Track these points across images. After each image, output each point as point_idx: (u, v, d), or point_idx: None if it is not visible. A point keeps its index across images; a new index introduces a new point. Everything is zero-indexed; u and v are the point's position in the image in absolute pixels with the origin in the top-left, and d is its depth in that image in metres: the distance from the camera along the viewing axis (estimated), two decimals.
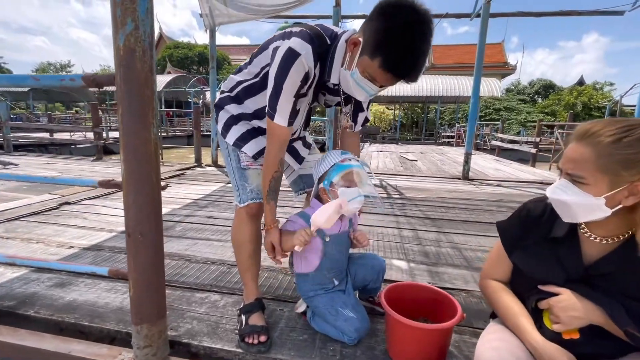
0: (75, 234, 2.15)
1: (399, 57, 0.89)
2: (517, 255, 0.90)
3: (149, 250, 0.97)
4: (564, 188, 0.74)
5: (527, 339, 0.80)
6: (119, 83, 0.88)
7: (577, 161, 0.72)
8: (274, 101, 1.01)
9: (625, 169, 0.67)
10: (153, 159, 0.94)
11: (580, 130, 0.74)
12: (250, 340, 1.10)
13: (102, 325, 1.23)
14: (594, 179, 0.70)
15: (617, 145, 0.67)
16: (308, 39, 0.98)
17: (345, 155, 1.12)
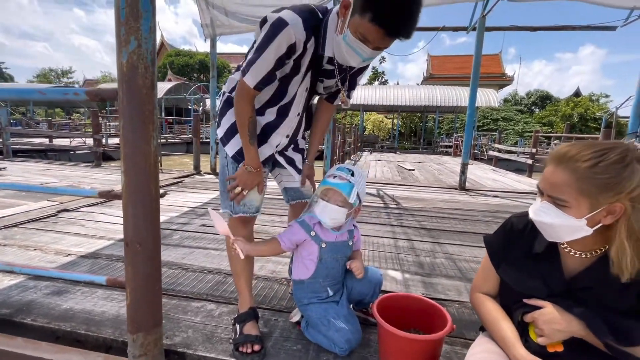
0: (73, 241, 2.17)
1: (389, 9, 0.87)
2: (503, 269, 0.93)
3: (147, 259, 0.99)
4: (547, 210, 0.77)
5: (512, 352, 0.82)
6: (122, 98, 0.91)
7: (558, 185, 0.75)
8: (251, 61, 1.02)
9: (604, 192, 0.70)
10: (152, 171, 0.96)
11: (557, 154, 0.77)
12: (244, 350, 1.11)
13: (98, 333, 1.24)
14: (575, 202, 0.73)
15: (594, 170, 0.70)
16: (297, 12, 1.00)
17: (336, 172, 1.14)
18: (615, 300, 0.77)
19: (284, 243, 1.20)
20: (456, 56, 31.59)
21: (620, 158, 0.69)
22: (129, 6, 0.87)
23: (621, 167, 0.69)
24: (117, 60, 0.90)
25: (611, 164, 0.69)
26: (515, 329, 0.87)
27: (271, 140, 1.23)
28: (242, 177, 1.14)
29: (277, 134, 1.22)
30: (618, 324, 0.76)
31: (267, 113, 1.20)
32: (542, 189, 0.80)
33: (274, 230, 2.54)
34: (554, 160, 0.77)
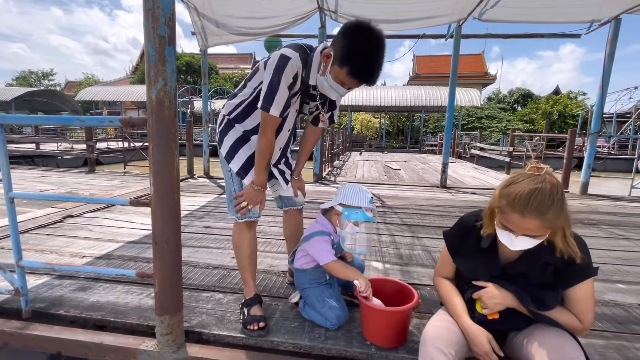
0: (85, 244, 2.36)
1: (361, 67, 1.18)
2: (457, 259, 1.21)
3: (172, 255, 1.23)
4: (524, 242, 0.98)
5: (460, 322, 1.11)
6: (151, 125, 1.14)
7: (531, 229, 0.95)
8: (269, 97, 1.26)
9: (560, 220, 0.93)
10: (175, 182, 1.20)
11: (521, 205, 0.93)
12: (252, 327, 1.35)
13: (125, 320, 1.46)
14: (544, 233, 0.96)
15: (556, 214, 0.91)
16: (294, 48, 1.28)
17: (370, 205, 1.38)
18: (536, 278, 1.05)
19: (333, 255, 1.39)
20: (441, 56, 32.24)
21: (561, 195, 0.93)
22: (157, 54, 1.10)
23: (564, 201, 0.93)
24: (147, 95, 1.14)
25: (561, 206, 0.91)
26: (465, 304, 1.15)
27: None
28: (250, 194, 1.39)
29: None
30: (538, 295, 1.04)
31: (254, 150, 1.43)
32: (514, 230, 0.98)
33: (269, 230, 2.78)
34: (520, 210, 0.93)
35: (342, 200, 1.41)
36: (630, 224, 3.27)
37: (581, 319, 1.01)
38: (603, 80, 4.53)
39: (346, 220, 1.38)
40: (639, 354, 1.28)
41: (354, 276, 1.33)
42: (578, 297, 1.01)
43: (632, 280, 1.98)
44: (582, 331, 1.02)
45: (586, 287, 1.00)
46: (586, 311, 1.00)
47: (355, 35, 1.18)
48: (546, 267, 1.04)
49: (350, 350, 1.28)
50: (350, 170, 7.54)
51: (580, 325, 1.01)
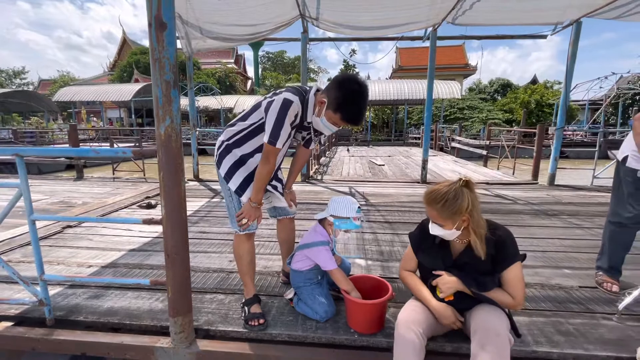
0: (89, 254, 2.52)
1: (352, 114, 1.48)
2: (419, 255, 1.47)
3: (182, 264, 1.44)
4: (436, 228, 1.32)
5: (428, 303, 1.38)
6: (161, 157, 1.34)
7: (433, 217, 1.31)
8: (276, 133, 1.49)
9: (456, 215, 1.25)
10: (183, 203, 1.41)
11: (426, 197, 1.32)
12: (253, 323, 1.58)
13: (139, 322, 1.66)
14: (444, 222, 1.28)
15: (445, 207, 1.25)
16: (295, 92, 1.54)
17: (358, 215, 1.62)
18: (478, 266, 1.32)
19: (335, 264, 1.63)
20: (423, 48, 32.58)
21: (453, 196, 1.24)
22: (164, 96, 1.30)
23: (455, 200, 1.24)
24: (156, 130, 1.33)
25: (450, 201, 1.24)
26: (429, 290, 1.41)
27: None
28: (249, 211, 1.60)
29: None
30: (479, 279, 1.32)
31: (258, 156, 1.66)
32: (430, 217, 1.35)
33: (261, 232, 2.99)
34: (425, 201, 1.32)
35: (333, 212, 1.64)
36: (587, 214, 3.64)
37: (513, 296, 1.29)
38: (567, 79, 4.88)
39: (337, 229, 1.63)
40: (570, 327, 1.58)
41: (349, 289, 1.58)
42: (508, 279, 1.29)
43: (578, 266, 2.30)
44: (516, 306, 1.30)
45: (514, 270, 1.29)
46: (517, 289, 1.28)
47: (347, 87, 1.45)
48: (485, 258, 1.31)
49: (337, 338, 1.53)
50: (337, 168, 7.79)
51: (512, 301, 1.29)
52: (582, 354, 1.41)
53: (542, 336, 1.51)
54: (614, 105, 20.81)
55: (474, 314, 1.30)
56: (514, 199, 4.35)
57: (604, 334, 1.53)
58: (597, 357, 1.40)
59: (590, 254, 2.49)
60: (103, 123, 23.96)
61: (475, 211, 1.26)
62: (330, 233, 1.68)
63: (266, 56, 40.72)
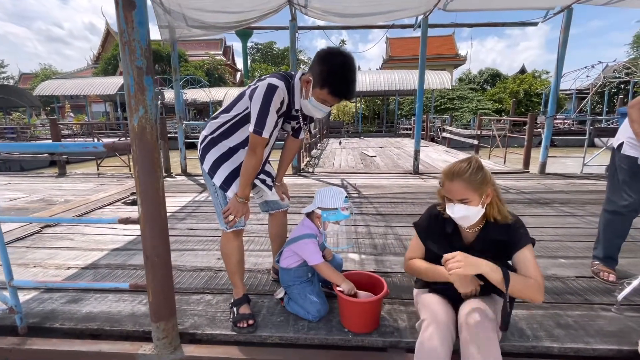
0: (68, 255, 2.39)
1: (339, 86, 1.37)
2: (428, 243, 1.39)
3: (163, 267, 1.34)
4: (460, 209, 1.23)
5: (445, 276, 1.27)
6: (135, 150, 1.23)
7: (459, 192, 1.21)
8: (261, 122, 1.38)
9: (483, 185, 1.19)
10: (161, 201, 1.30)
11: (448, 173, 1.23)
12: (241, 325, 1.50)
13: (121, 328, 1.56)
14: (472, 196, 1.20)
15: (472, 176, 1.18)
16: (280, 77, 1.43)
17: (345, 204, 1.53)
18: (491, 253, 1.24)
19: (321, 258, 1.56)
20: (414, 38, 32.40)
21: (478, 165, 1.20)
22: (136, 84, 1.18)
23: (481, 169, 1.20)
24: (129, 123, 1.21)
25: (476, 170, 1.19)
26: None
27: None
28: (235, 206, 1.49)
29: None
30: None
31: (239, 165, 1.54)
32: (451, 198, 1.25)
33: (252, 228, 2.89)
34: (448, 177, 1.23)
35: (320, 204, 1.56)
36: (579, 201, 3.64)
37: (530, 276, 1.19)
38: (557, 67, 4.85)
39: (326, 222, 1.55)
40: (569, 320, 1.54)
41: (339, 281, 1.51)
42: (523, 261, 1.21)
43: (573, 255, 2.27)
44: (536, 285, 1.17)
45: (525, 253, 1.22)
46: (531, 270, 1.19)
47: (330, 59, 1.35)
48: (496, 243, 1.26)
49: (330, 338, 1.46)
50: (328, 160, 7.69)
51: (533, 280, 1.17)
52: (583, 347, 1.37)
53: (542, 330, 1.46)
54: (599, 94, 21.10)
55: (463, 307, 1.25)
56: (506, 188, 4.33)
57: (604, 326, 1.49)
58: (598, 350, 1.36)
59: (585, 242, 2.47)
60: (88, 118, 23.26)
61: (495, 184, 1.24)
62: (320, 226, 1.60)
63: (255, 47, 39.94)
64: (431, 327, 1.18)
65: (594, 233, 2.64)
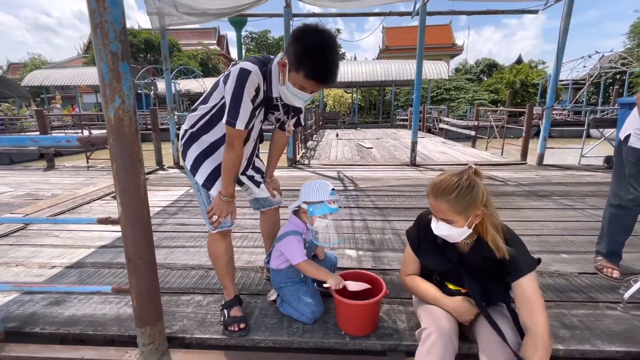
0: (53, 253, 2.29)
1: (315, 67, 1.18)
2: (421, 256, 1.32)
3: (146, 270, 1.24)
4: (443, 227, 1.14)
5: (442, 304, 1.22)
6: (112, 145, 1.12)
7: (442, 212, 1.10)
8: (234, 112, 1.25)
9: (469, 208, 1.08)
10: (143, 200, 1.20)
11: (433, 189, 1.11)
12: (232, 328, 1.42)
13: (105, 332, 1.47)
14: (456, 218, 1.10)
15: (458, 199, 1.06)
16: (253, 61, 1.28)
17: (332, 197, 1.44)
18: (484, 270, 1.17)
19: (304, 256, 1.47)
20: (410, 27, 31.98)
21: (468, 184, 1.06)
22: (111, 71, 1.06)
23: (471, 190, 1.06)
24: (105, 114, 1.10)
25: (465, 190, 1.06)
26: (436, 287, 1.27)
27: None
28: (219, 205, 1.39)
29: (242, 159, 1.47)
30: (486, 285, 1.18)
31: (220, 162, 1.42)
32: (435, 214, 1.16)
33: (245, 223, 2.81)
34: (432, 194, 1.12)
35: (305, 199, 1.47)
36: (578, 194, 3.59)
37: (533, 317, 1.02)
38: (558, 56, 4.75)
39: (313, 216, 1.46)
40: (574, 320, 1.48)
41: (324, 277, 1.42)
42: (520, 297, 1.07)
43: (575, 249, 2.22)
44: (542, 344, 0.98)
45: (524, 286, 1.06)
46: (536, 306, 1.03)
47: (305, 37, 1.18)
48: (491, 261, 1.14)
49: (326, 342, 1.39)
50: (324, 152, 7.59)
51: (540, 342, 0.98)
52: (590, 349, 1.31)
53: None
54: (595, 85, 21.08)
55: (481, 323, 1.16)
56: (504, 180, 4.27)
57: (610, 325, 1.44)
58: (605, 352, 1.30)
59: (587, 236, 2.42)
60: (79, 109, 22.76)
61: (489, 203, 1.10)
62: (307, 222, 1.50)
63: (250, 37, 39.16)
64: (433, 336, 1.10)
65: (596, 226, 2.60)
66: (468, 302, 1.18)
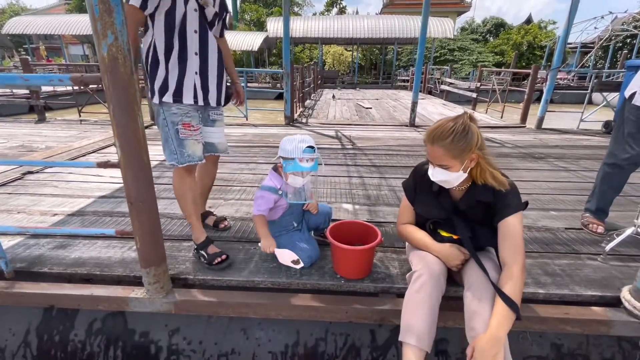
0: (53, 202, 2.31)
1: None
2: (417, 205, 1.36)
3: (149, 213, 1.27)
4: (439, 173, 1.17)
5: (432, 249, 1.28)
6: (107, 86, 1.09)
7: (438, 157, 1.13)
8: None
9: (464, 152, 1.10)
10: (142, 143, 1.19)
11: (429, 135, 1.13)
12: (218, 261, 1.53)
13: (111, 273, 1.54)
14: (452, 163, 1.13)
15: (453, 143, 1.08)
16: None
17: (307, 154, 1.38)
18: (476, 216, 1.23)
19: (264, 212, 1.52)
20: None
21: (463, 129, 1.07)
22: (101, 3, 1.00)
23: (465, 134, 1.07)
24: (98, 53, 1.06)
25: (459, 135, 1.07)
26: (428, 234, 1.33)
27: (186, 81, 1.48)
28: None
29: (189, 75, 1.48)
30: (477, 230, 1.24)
31: (171, 65, 1.44)
32: (430, 161, 1.19)
33: (243, 177, 2.83)
34: (429, 140, 1.14)
35: (280, 153, 1.46)
36: (574, 156, 3.63)
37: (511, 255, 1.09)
38: (570, 14, 4.53)
39: (287, 172, 1.46)
40: (556, 268, 1.57)
41: (262, 236, 1.52)
42: (507, 231, 1.14)
43: (564, 207, 2.29)
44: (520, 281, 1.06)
45: (513, 221, 1.13)
46: (515, 245, 1.10)
47: None
48: (483, 205, 1.21)
49: (322, 284, 1.47)
50: (322, 111, 7.44)
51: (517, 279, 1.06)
52: (568, 293, 1.41)
53: (529, 277, 1.49)
54: (604, 49, 20.34)
55: (469, 266, 1.23)
56: (501, 142, 4.28)
57: (589, 274, 1.53)
58: (581, 296, 1.40)
59: (577, 196, 2.49)
60: (65, 60, 21.69)
61: (484, 146, 1.13)
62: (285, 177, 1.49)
63: None
64: (424, 277, 1.17)
65: (587, 187, 2.67)
66: (456, 248, 1.25)
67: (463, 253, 1.23)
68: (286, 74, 5.14)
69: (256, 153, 3.65)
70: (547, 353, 1.46)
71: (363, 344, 1.51)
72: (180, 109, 1.50)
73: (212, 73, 1.56)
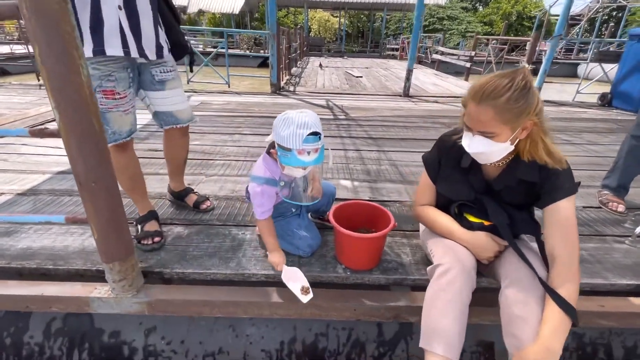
0: (2, 179, 1.96)
1: None
2: (440, 185, 1.13)
3: (106, 195, 0.99)
4: (480, 143, 0.91)
5: (459, 237, 1.07)
6: (29, 18, 0.77)
7: (485, 122, 0.87)
8: None
9: (520, 117, 0.85)
10: (90, 104, 0.89)
11: (477, 92, 0.87)
12: (146, 242, 1.32)
13: (68, 266, 1.27)
14: (500, 130, 0.87)
15: (510, 102, 0.83)
16: None
17: (309, 145, 1.01)
18: (514, 197, 1.01)
19: (267, 214, 1.20)
20: None
21: (524, 84, 0.82)
22: None
23: (526, 93, 0.83)
24: None
25: (519, 92, 0.82)
26: (453, 219, 1.11)
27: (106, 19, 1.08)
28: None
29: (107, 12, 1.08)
30: (516, 215, 1.02)
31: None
32: (470, 126, 0.92)
33: (227, 150, 2.52)
34: (474, 98, 0.87)
35: (274, 138, 1.08)
36: (575, 129, 3.48)
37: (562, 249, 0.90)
38: None
39: (282, 165, 1.10)
40: (584, 253, 1.41)
41: (270, 250, 1.24)
42: (556, 219, 0.93)
43: None
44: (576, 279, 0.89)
45: (561, 209, 0.93)
46: (568, 237, 0.91)
47: None
48: (524, 185, 1.00)
49: (325, 276, 1.25)
50: (310, 79, 7.00)
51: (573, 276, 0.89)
52: (602, 282, 1.25)
53: None
54: (590, 21, 20.17)
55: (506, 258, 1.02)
56: None
57: (620, 259, 1.38)
58: (616, 285, 1.25)
59: (587, 170, 2.34)
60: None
61: (542, 113, 0.88)
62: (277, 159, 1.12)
63: None
64: (453, 272, 0.96)
65: (595, 162, 2.53)
66: (490, 237, 1.03)
67: (499, 244, 1.03)
68: (272, 37, 4.67)
69: (241, 123, 3.31)
70: (567, 343, 1.33)
71: (368, 339, 1.34)
72: (99, 69, 1.11)
73: (143, 9, 1.14)
